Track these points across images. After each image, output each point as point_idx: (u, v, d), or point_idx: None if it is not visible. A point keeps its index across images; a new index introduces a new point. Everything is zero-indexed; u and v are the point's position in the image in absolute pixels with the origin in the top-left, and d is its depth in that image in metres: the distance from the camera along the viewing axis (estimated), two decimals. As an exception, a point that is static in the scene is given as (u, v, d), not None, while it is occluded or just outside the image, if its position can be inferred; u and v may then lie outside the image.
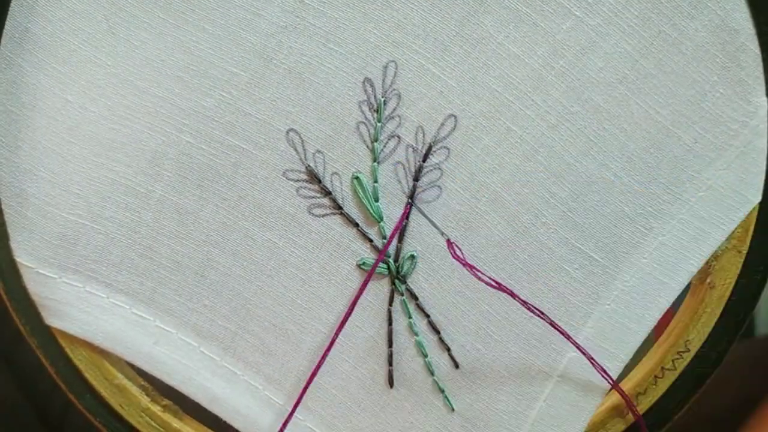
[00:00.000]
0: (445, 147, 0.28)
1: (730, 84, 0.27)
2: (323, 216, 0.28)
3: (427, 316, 0.29)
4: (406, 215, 0.28)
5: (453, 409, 0.30)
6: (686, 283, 0.29)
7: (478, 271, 0.28)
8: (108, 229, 0.28)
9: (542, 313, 0.28)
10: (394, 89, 0.27)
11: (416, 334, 0.29)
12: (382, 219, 0.28)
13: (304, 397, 0.30)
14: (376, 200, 0.28)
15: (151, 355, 0.29)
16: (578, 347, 0.27)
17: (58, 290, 0.29)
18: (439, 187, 0.28)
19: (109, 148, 0.28)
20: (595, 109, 0.27)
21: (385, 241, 0.28)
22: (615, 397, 0.30)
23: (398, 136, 0.28)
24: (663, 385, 0.30)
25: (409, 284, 0.29)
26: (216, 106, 0.28)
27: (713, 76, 0.27)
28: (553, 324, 0.27)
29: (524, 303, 0.28)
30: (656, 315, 0.29)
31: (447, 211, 0.28)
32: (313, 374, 0.28)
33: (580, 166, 0.28)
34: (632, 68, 0.27)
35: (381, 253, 0.28)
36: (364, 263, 0.29)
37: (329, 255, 0.29)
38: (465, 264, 0.28)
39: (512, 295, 0.28)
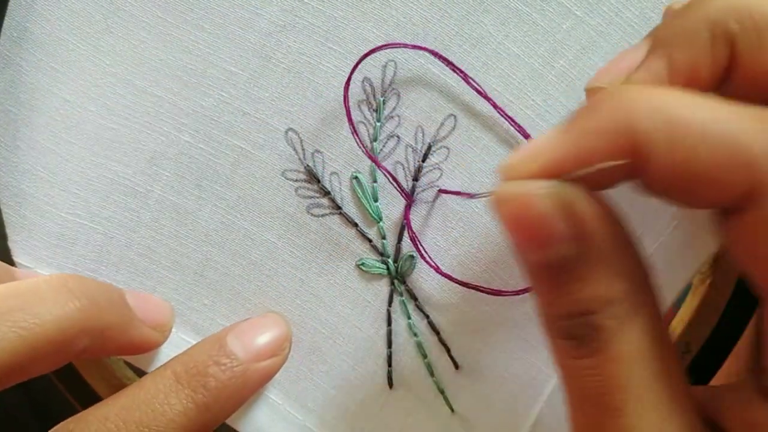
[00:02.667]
0: (444, 147, 0.28)
1: (732, 83, 0.27)
2: (322, 216, 0.28)
3: (427, 316, 0.29)
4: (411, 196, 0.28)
5: (453, 410, 0.30)
6: (687, 283, 0.29)
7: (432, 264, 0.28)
8: (107, 229, 0.28)
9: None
10: (394, 88, 0.27)
11: (416, 335, 0.29)
12: (381, 219, 0.28)
13: (303, 398, 0.29)
14: (375, 200, 0.28)
15: (150, 355, 0.29)
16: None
17: (57, 290, 0.28)
18: (438, 187, 0.28)
19: (108, 148, 0.28)
20: (596, 108, 0.27)
21: (384, 241, 0.28)
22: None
23: (397, 136, 0.28)
24: (664, 386, 0.29)
25: (409, 284, 0.29)
26: (215, 106, 0.28)
27: (714, 75, 0.27)
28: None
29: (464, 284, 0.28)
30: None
31: (447, 211, 0.28)
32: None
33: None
34: (633, 68, 0.27)
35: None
36: (363, 263, 0.29)
37: (328, 255, 0.29)
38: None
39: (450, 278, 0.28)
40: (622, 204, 0.21)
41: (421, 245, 0.28)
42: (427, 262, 0.28)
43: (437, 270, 0.28)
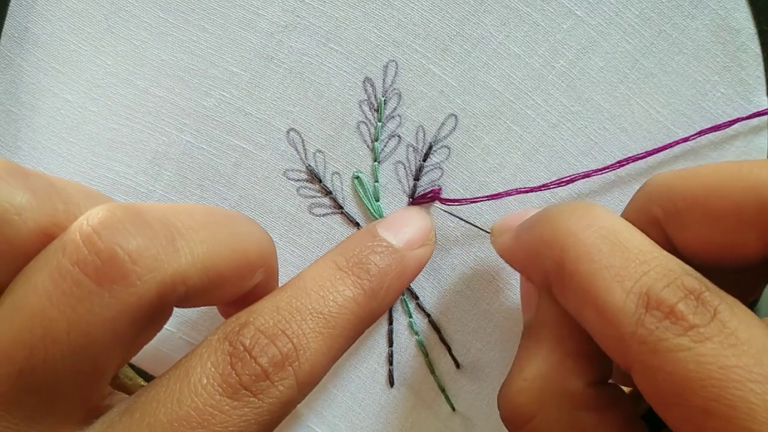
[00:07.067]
0: (445, 146, 0.28)
1: (731, 84, 0.27)
2: (324, 215, 0.28)
3: (428, 315, 0.29)
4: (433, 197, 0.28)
5: (454, 409, 0.30)
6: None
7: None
8: (108, 229, 0.28)
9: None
10: (395, 88, 0.27)
11: (417, 334, 0.29)
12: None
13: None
14: (377, 200, 0.28)
15: (152, 355, 0.29)
16: None
17: (59, 290, 0.28)
18: (439, 186, 0.28)
19: (110, 148, 0.28)
20: (596, 108, 0.27)
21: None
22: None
23: (399, 136, 0.28)
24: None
25: (410, 284, 0.29)
26: (216, 106, 0.28)
27: (714, 75, 0.27)
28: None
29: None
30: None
31: (447, 210, 0.28)
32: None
33: (581, 165, 0.28)
34: (633, 68, 0.27)
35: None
36: (364, 263, 0.29)
37: (330, 254, 0.29)
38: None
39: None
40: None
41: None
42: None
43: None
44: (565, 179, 0.27)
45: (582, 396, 0.21)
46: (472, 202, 0.28)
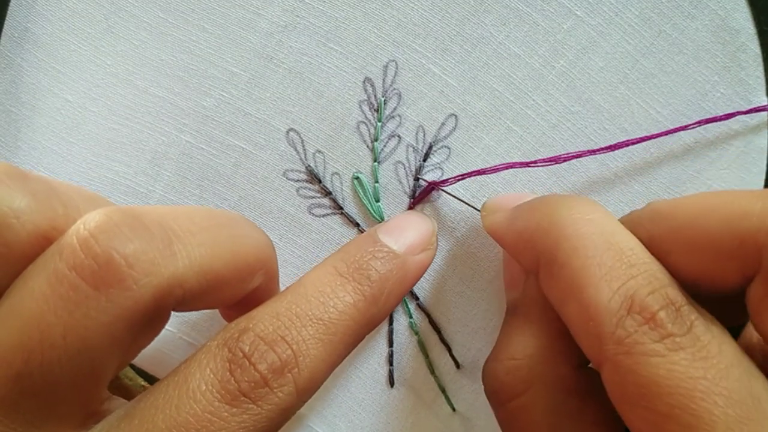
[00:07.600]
0: (445, 146, 0.28)
1: (731, 84, 0.27)
2: (324, 216, 0.28)
3: (428, 315, 0.29)
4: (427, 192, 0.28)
5: (454, 409, 0.30)
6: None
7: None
8: (108, 229, 0.28)
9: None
10: (395, 88, 0.27)
11: (417, 333, 0.29)
12: (383, 219, 0.28)
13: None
14: (377, 200, 0.28)
15: (153, 356, 0.29)
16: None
17: (58, 290, 0.28)
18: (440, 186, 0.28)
19: (109, 148, 0.28)
20: (596, 108, 0.27)
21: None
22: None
23: (399, 136, 0.28)
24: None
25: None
26: (216, 106, 0.28)
27: (714, 76, 0.27)
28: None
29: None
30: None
31: (448, 210, 0.28)
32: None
33: (581, 165, 0.28)
34: (633, 68, 0.27)
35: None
36: (364, 263, 0.29)
37: (329, 254, 0.29)
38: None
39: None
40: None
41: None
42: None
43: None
44: (560, 157, 0.27)
45: (568, 379, 0.22)
46: (473, 175, 0.28)
